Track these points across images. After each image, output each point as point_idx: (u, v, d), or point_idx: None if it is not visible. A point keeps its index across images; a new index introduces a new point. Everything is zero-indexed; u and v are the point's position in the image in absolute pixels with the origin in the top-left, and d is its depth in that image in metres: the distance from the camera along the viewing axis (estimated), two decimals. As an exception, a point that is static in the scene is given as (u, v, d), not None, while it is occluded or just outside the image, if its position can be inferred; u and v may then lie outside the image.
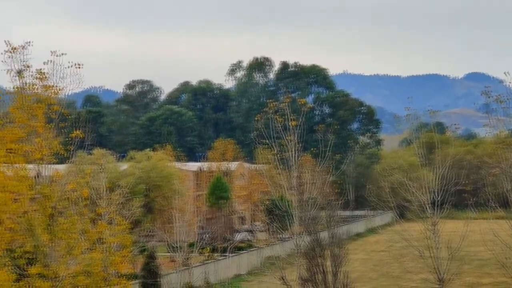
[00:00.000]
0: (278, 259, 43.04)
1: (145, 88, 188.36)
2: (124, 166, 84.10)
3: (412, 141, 40.94)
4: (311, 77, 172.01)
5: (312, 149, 46.83)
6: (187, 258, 60.14)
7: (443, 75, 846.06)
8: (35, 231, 30.44)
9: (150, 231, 77.75)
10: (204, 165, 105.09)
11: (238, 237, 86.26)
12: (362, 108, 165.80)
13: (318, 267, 36.30)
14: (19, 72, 31.13)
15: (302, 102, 41.37)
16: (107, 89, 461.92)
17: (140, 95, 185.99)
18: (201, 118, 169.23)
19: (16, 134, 30.58)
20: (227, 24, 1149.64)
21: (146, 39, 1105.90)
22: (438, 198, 37.58)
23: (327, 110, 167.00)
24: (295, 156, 39.19)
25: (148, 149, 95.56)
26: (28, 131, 30.91)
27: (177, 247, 58.03)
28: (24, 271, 30.55)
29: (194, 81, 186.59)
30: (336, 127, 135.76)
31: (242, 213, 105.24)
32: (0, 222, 30.28)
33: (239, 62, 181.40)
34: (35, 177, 31.70)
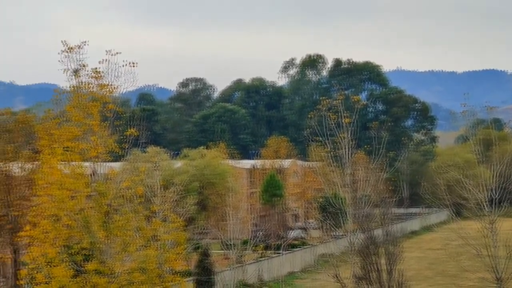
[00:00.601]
0: (331, 256, 42.79)
1: (199, 86, 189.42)
2: (178, 164, 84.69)
3: (469, 138, 40.22)
4: (364, 74, 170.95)
5: (365, 146, 46.44)
6: (241, 256, 60.32)
7: (501, 70, 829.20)
8: (91, 228, 30.84)
9: (204, 229, 78.21)
10: (258, 162, 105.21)
11: (292, 234, 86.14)
12: (417, 104, 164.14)
13: (373, 265, 35.97)
14: (75, 72, 31.58)
15: (356, 99, 41.09)
16: (161, 87, 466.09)
17: (193, 93, 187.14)
18: (254, 115, 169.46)
19: (72, 132, 31.04)
20: (280, 21, 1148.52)
21: (199, 36, 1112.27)
22: (496, 196, 36.87)
23: (380, 107, 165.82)
24: (348, 154, 38.92)
25: (202, 147, 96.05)
26: (84, 129, 31.34)
27: (230, 244, 58.25)
28: (81, 267, 30.98)
29: (247, 79, 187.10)
30: (390, 124, 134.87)
31: (295, 210, 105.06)
32: (58, 219, 30.79)
33: (292, 59, 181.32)
34: (91, 175, 32.13)
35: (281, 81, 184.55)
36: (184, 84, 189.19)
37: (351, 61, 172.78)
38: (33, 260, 31.13)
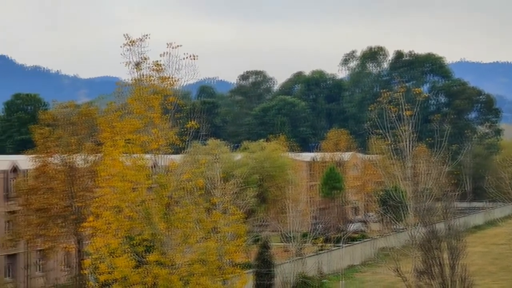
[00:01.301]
0: (392, 250, 42.41)
1: (259, 78, 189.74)
2: (238, 156, 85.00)
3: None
4: (426, 66, 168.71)
5: (427, 139, 45.89)
6: (301, 248, 60.24)
7: None
8: (152, 219, 31.19)
9: (263, 221, 78.41)
10: (318, 155, 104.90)
11: (352, 227, 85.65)
12: (481, 97, 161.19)
13: (435, 259, 35.52)
14: (137, 65, 31.93)
15: (417, 92, 40.62)
16: (221, 80, 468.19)
17: (253, 86, 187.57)
18: (314, 108, 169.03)
19: (134, 125, 31.41)
20: (340, 13, 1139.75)
21: (259, 29, 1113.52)
22: (563, 190, 35.95)
23: (443, 99, 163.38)
24: (409, 146, 38.51)
25: (262, 139, 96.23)
26: (145, 122, 31.68)
27: (290, 237, 58.22)
28: (143, 258, 31.37)
29: (307, 72, 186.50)
30: (452, 116, 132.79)
31: (355, 203, 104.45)
32: (120, 210, 31.22)
33: (353, 52, 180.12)
34: (152, 167, 32.49)
35: (341, 73, 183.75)
36: (245, 76, 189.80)
37: (413, 53, 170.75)
38: (96, 250, 31.66)
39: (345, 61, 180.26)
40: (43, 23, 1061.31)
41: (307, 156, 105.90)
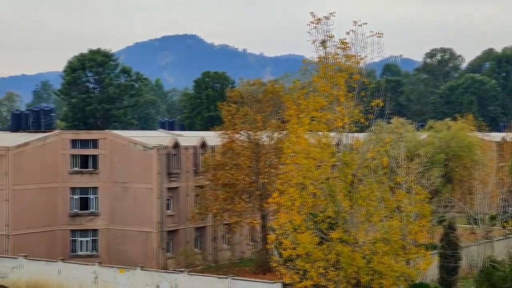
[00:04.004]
0: None
1: (446, 56, 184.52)
2: (423, 135, 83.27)
3: None
4: None
5: None
6: (489, 231, 58.12)
7: None
8: (336, 197, 31.31)
9: (449, 202, 76.41)
10: (509, 135, 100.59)
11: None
12: None
13: None
14: (323, 43, 32.06)
15: None
16: (406, 58, 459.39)
17: (440, 64, 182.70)
18: (505, 87, 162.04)
19: (319, 102, 31.62)
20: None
21: (446, 5, 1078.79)
22: None
23: None
24: None
25: (448, 118, 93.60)
26: (330, 99, 31.81)
27: (477, 219, 56.30)
28: (326, 235, 31.61)
29: (498, 48, 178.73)
30: None
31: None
32: (304, 187, 31.62)
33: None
34: (336, 145, 32.54)
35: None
36: (431, 54, 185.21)
37: None
38: (280, 226, 32.32)
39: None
40: (230, 2, 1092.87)
41: (496, 136, 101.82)
